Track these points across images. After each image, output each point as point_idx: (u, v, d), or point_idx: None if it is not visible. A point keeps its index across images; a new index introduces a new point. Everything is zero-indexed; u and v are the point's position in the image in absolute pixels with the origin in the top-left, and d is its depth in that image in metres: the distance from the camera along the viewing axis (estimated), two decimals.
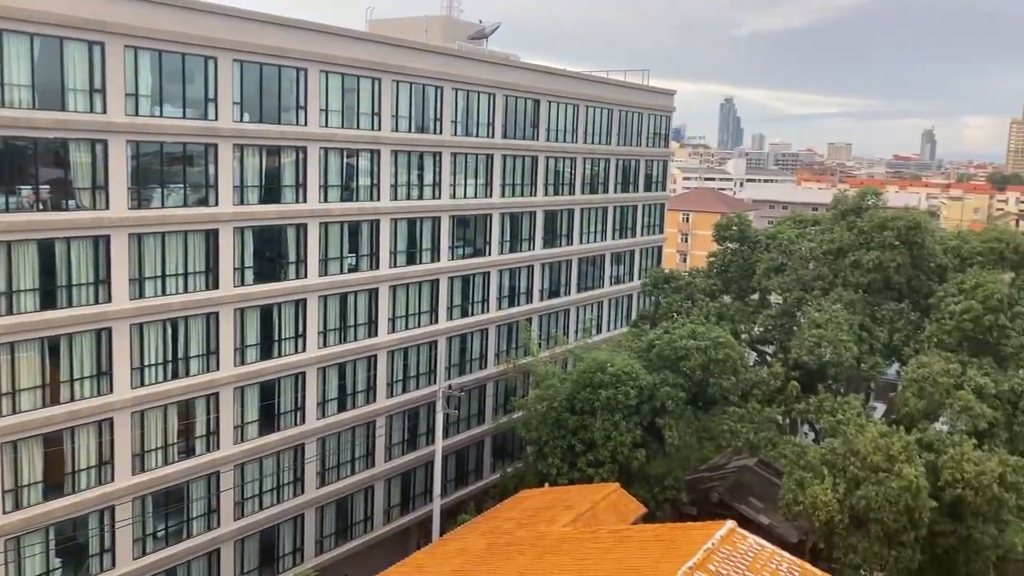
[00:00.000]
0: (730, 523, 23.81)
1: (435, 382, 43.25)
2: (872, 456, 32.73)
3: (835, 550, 34.56)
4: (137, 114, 30.32)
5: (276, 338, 36.72)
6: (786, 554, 23.82)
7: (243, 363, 35.29)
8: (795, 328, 44.34)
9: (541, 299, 52.27)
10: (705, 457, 50.98)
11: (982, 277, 41.05)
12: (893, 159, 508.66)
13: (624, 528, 28.91)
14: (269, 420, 36.87)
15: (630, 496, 35.39)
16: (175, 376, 32.95)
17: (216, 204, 33.32)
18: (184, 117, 32.03)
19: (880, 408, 47.25)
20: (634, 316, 57.05)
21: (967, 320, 39.81)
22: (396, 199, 41.19)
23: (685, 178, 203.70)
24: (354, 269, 39.77)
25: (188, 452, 33.86)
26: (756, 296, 48.70)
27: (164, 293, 32.15)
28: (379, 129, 39.83)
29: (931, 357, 38.43)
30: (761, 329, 47.04)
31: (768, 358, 47.83)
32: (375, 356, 41.27)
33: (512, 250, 49.34)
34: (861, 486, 32.81)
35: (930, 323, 41.66)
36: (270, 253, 36.32)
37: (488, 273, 47.75)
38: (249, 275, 35.18)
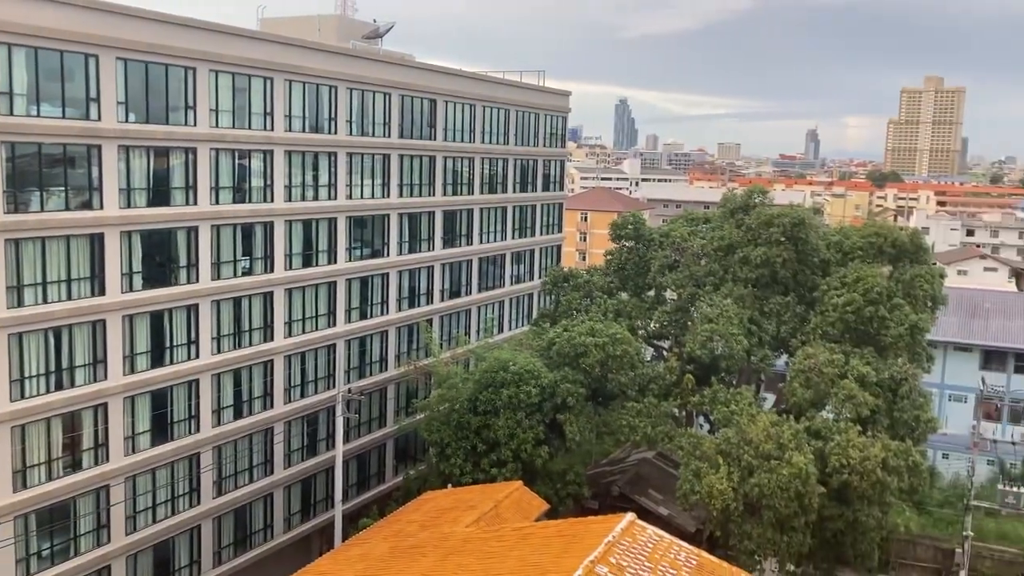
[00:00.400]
0: (630, 516, 24.31)
1: (334, 386, 42.67)
2: (764, 444, 33.91)
3: (731, 537, 35.65)
4: (12, 113, 28.88)
5: (168, 345, 35.56)
6: (684, 544, 24.48)
7: (133, 372, 34.03)
8: (689, 323, 45.50)
9: (442, 299, 52.19)
10: (606, 452, 51.86)
11: (863, 271, 42.96)
12: (779, 158, 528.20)
13: (527, 525, 29.16)
14: (162, 430, 35.68)
15: (532, 493, 35.74)
16: (59, 387, 31.50)
17: (101, 207, 32.04)
18: (64, 117, 30.66)
19: (771, 399, 48.95)
20: (535, 315, 57.56)
21: (849, 312, 41.60)
22: (291, 200, 40.45)
23: (583, 178, 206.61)
24: (248, 272, 38.87)
25: (74, 466, 32.42)
26: (652, 293, 49.75)
27: (46, 301, 30.72)
28: (272, 129, 39.04)
29: (816, 348, 40.04)
30: (657, 325, 48.09)
31: (664, 353, 48.95)
32: (271, 361, 40.43)
33: (411, 251, 49.10)
34: (754, 474, 33.95)
35: (815, 315, 43.38)
36: (160, 257, 35.16)
37: (387, 274, 47.39)
38: (138, 280, 33.97)
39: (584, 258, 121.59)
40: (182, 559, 37.50)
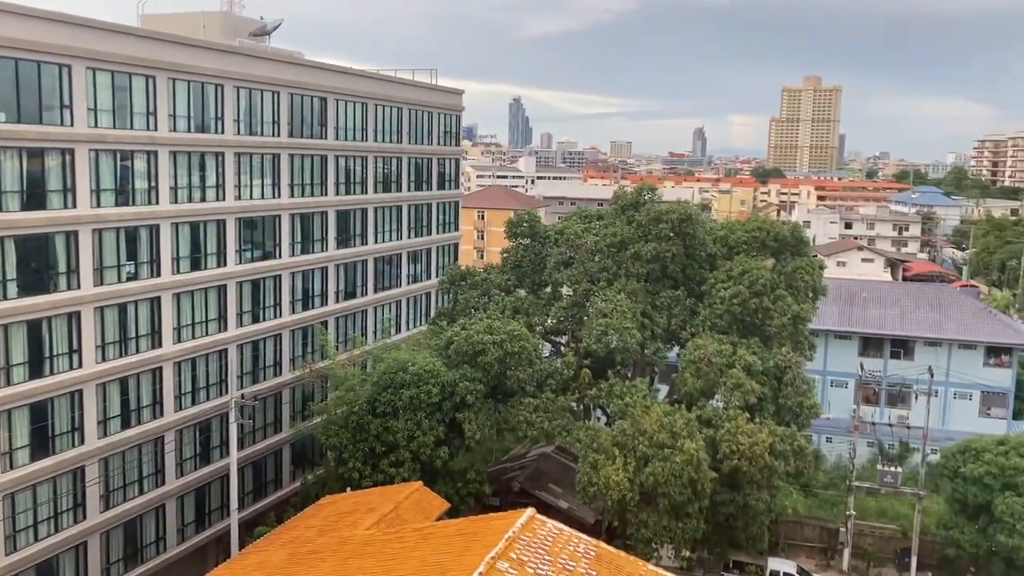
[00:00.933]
0: (529, 511, 24.59)
1: (227, 392, 41.64)
2: (658, 434, 34.82)
3: (628, 527, 36.48)
4: None
5: (47, 355, 34.01)
6: (583, 536, 24.92)
7: (8, 384, 32.42)
8: (584, 318, 46.26)
9: (337, 301, 51.54)
10: (506, 448, 52.23)
11: (747, 264, 44.54)
12: (669, 156, 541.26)
13: (427, 525, 29.12)
14: (42, 443, 34.09)
15: (433, 493, 35.71)
16: None
17: None
18: None
19: (665, 389, 50.25)
20: (433, 314, 57.46)
21: (736, 304, 43.09)
22: (177, 202, 39.25)
23: (479, 176, 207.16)
24: (133, 277, 37.53)
25: None
26: (548, 289, 50.36)
27: None
28: (155, 129, 37.80)
29: (706, 339, 41.33)
30: (554, 321, 48.69)
31: (561, 348, 49.63)
32: (160, 368, 39.15)
33: (304, 251, 48.31)
34: (649, 463, 34.82)
35: (703, 308, 44.75)
36: (36, 264, 33.57)
37: (279, 276, 46.50)
38: (12, 288, 32.36)
39: (482, 256, 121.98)
40: None
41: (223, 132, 41.75)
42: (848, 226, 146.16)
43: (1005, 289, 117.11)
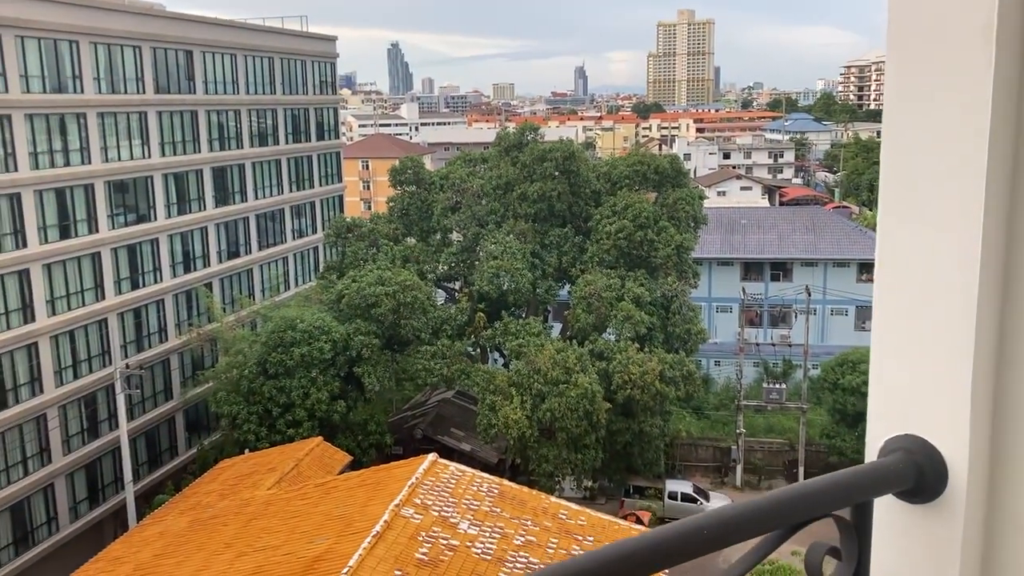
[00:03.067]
0: (431, 456, 24.82)
1: (111, 363, 40.17)
2: (552, 371, 35.51)
3: (530, 463, 37.29)
4: None
5: None
6: (486, 475, 25.36)
7: None
8: (476, 262, 46.40)
9: (220, 261, 50.07)
10: (407, 397, 52.30)
11: (630, 198, 45.36)
12: (552, 96, 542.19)
13: (330, 480, 29.06)
14: None
15: (334, 448, 35.59)
16: None
17: None
18: None
19: (558, 327, 51.11)
20: (322, 268, 56.55)
21: (621, 238, 43.92)
22: (38, 168, 37.17)
23: (361, 125, 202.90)
24: None
25: None
26: (438, 236, 50.18)
27: None
28: (6, 91, 35.50)
29: (595, 275, 42.11)
30: (445, 267, 48.67)
31: (455, 294, 49.74)
32: (35, 343, 37.41)
33: (181, 212, 46.60)
34: (545, 400, 35.54)
35: (591, 244, 45.47)
36: None
37: (156, 239, 44.79)
38: None
39: (370, 207, 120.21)
40: None
41: (83, 92, 39.56)
42: (727, 156, 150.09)
43: (875, 208, 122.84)
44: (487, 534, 22.18)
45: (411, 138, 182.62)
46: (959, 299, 1.51)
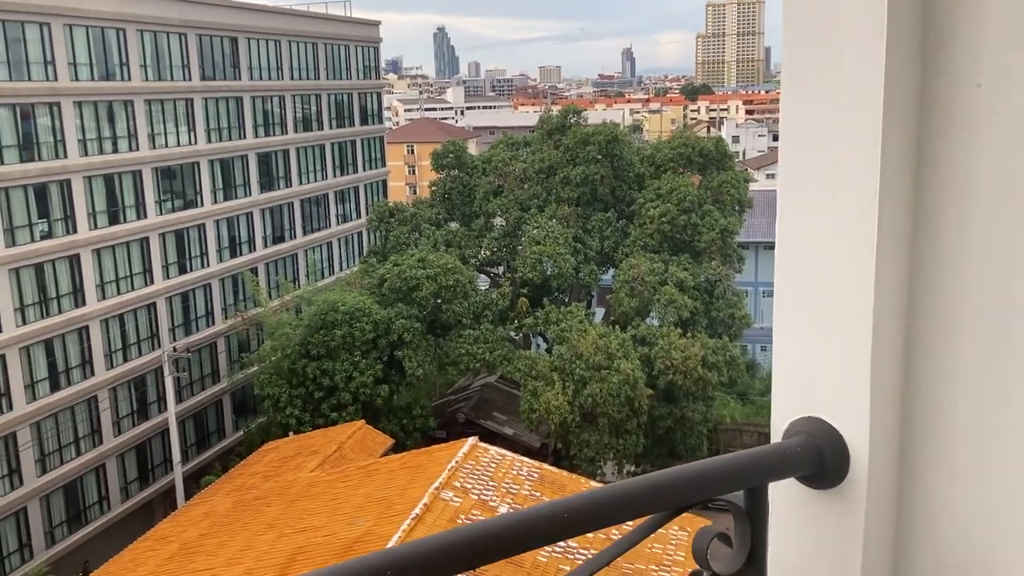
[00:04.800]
0: (472, 440, 24.86)
1: (159, 346, 40.91)
2: (594, 356, 35.31)
3: (571, 448, 37.19)
4: None
5: None
6: (526, 459, 25.33)
7: None
8: (518, 247, 46.26)
9: (265, 246, 50.62)
10: (450, 382, 52.48)
11: (675, 181, 44.82)
12: (599, 78, 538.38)
13: (371, 462, 29.28)
14: None
15: (376, 431, 35.84)
16: None
17: None
18: None
19: (601, 312, 50.80)
20: (365, 253, 56.86)
21: (665, 222, 43.43)
22: (87, 155, 37.83)
23: (407, 110, 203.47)
24: (48, 235, 36.28)
25: None
26: (480, 220, 50.12)
27: None
28: (56, 79, 36.13)
29: (638, 259, 41.73)
30: (487, 252, 48.61)
31: (498, 279, 49.68)
32: (87, 327, 38.20)
33: (227, 198, 47.17)
34: (587, 385, 35.37)
35: (634, 228, 45.04)
36: None
37: (203, 225, 45.41)
38: None
39: (414, 191, 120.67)
40: (9, 544, 35.44)
41: (130, 79, 40.14)
42: (776, 138, 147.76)
43: None
44: None
45: (456, 122, 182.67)
46: (856, 280, 1.46)
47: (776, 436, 1.59)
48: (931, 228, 1.48)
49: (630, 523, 1.39)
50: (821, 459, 1.48)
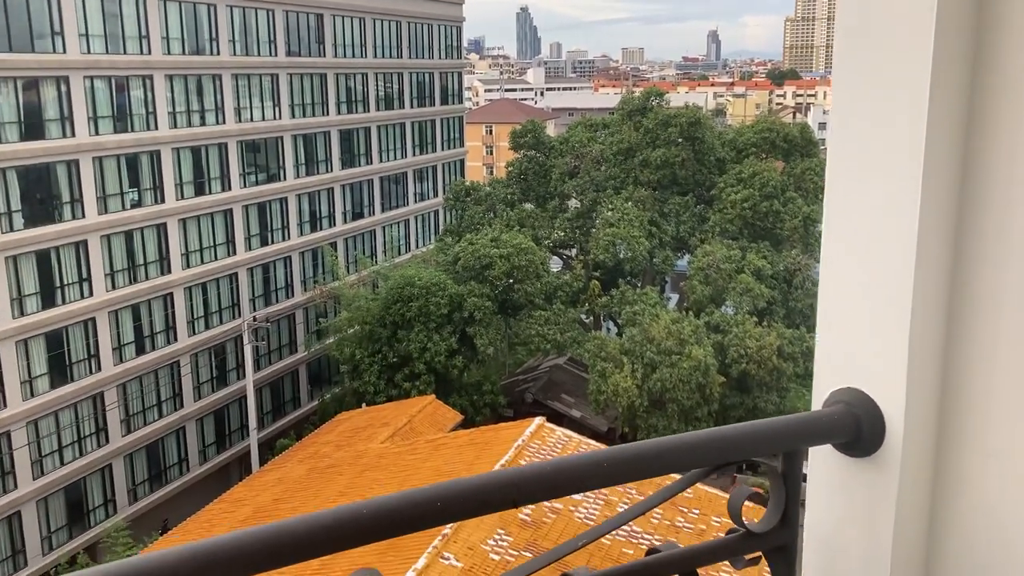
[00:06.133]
0: (539, 419, 24.95)
1: (240, 315, 42.06)
2: (665, 341, 35.00)
3: (638, 432, 36.99)
4: None
5: (58, 284, 34.37)
6: (592, 441, 25.32)
7: (23, 314, 32.87)
8: (592, 229, 46.07)
9: (344, 221, 51.48)
10: (519, 361, 52.69)
11: (758, 166, 44.00)
12: (682, 61, 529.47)
13: (440, 437, 29.67)
14: (61, 371, 34.75)
15: (446, 406, 36.25)
16: None
17: None
18: None
19: (675, 298, 50.30)
20: (441, 231, 57.35)
21: (746, 208, 42.71)
22: (176, 127, 38.99)
23: (487, 90, 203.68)
24: (137, 204, 37.58)
25: None
26: (555, 201, 50.05)
27: None
28: (149, 53, 37.27)
29: (715, 245, 41.15)
30: (561, 233, 48.54)
31: (571, 261, 49.58)
32: (171, 294, 39.51)
33: (309, 173, 48.07)
34: (657, 370, 35.09)
35: (713, 213, 44.41)
36: (40, 194, 33.66)
37: (285, 198, 46.40)
38: (18, 219, 32.52)
39: (491, 171, 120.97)
40: (95, 499, 37.05)
41: (219, 53, 41.14)
42: None
43: None
44: (591, 500, 22.17)
45: (536, 103, 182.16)
46: (898, 258, 1.51)
47: (816, 405, 1.62)
48: (974, 210, 1.51)
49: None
50: (858, 428, 1.52)
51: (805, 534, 1.61)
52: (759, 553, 1.47)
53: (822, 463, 1.62)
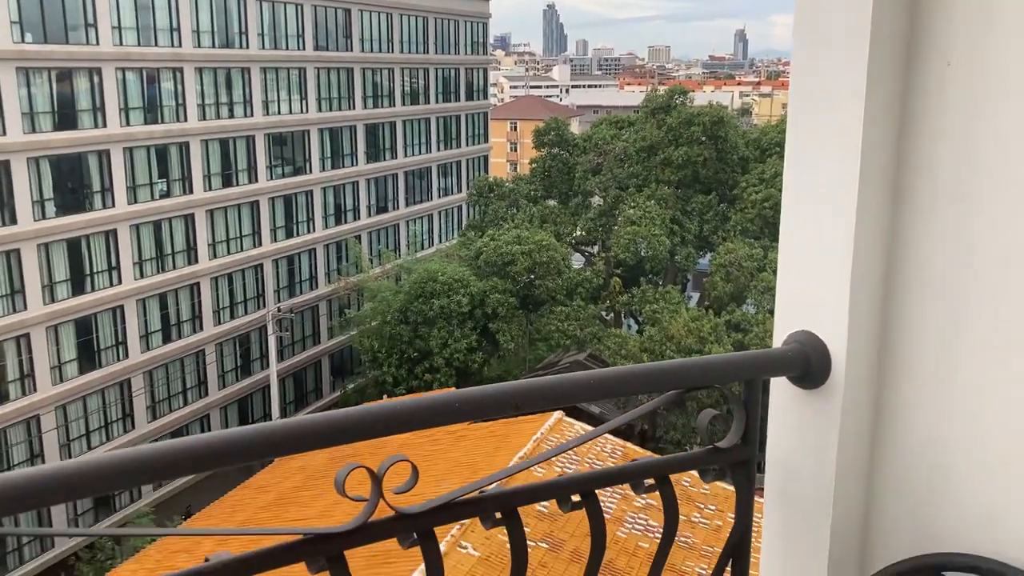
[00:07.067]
0: (558, 414, 25.15)
1: (264, 306, 42.62)
2: (685, 339, 35.13)
3: (658, 429, 37.15)
4: None
5: (88, 272, 35.05)
6: (612, 437, 25.53)
7: (53, 301, 33.55)
8: (614, 227, 46.24)
9: (369, 215, 51.94)
10: (539, 357, 52.88)
11: (780, 166, 43.89)
12: (709, 59, 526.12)
13: (460, 428, 29.85)
14: (89, 357, 35.44)
15: None
16: None
17: (3, 133, 31.00)
18: None
19: (696, 296, 50.37)
20: (464, 226, 57.71)
21: (767, 207, 42.72)
22: (205, 119, 39.56)
23: (512, 86, 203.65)
24: (166, 195, 38.19)
25: (1, 398, 32.17)
26: (578, 198, 50.25)
27: None
28: (180, 46, 37.85)
29: (737, 244, 41.20)
30: (583, 231, 48.74)
31: (592, 258, 49.78)
32: (198, 284, 40.12)
33: (334, 166, 48.56)
34: None
35: (735, 212, 44.46)
36: (72, 183, 34.34)
37: (311, 191, 46.92)
38: (51, 208, 33.19)
39: (515, 168, 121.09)
40: None
41: (248, 47, 41.68)
42: None
43: None
44: (608, 494, 22.44)
45: (560, 100, 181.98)
46: (841, 217, 1.76)
47: (776, 345, 1.91)
48: (906, 178, 1.78)
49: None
50: (807, 363, 1.80)
51: (766, 456, 1.90)
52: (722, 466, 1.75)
53: (780, 394, 1.89)
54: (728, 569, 1.86)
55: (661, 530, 1.78)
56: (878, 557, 1.84)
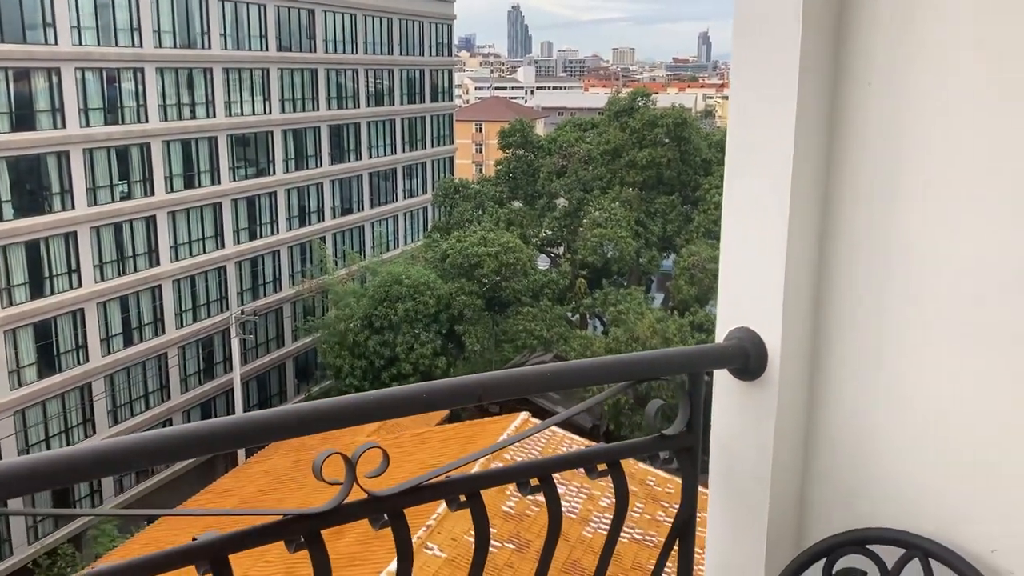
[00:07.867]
0: (523, 415, 25.25)
1: (227, 309, 42.30)
2: (650, 340, 35.47)
3: (622, 428, 37.46)
4: None
5: (47, 275, 34.56)
6: (576, 436, 25.64)
7: (12, 304, 33.05)
8: (579, 228, 46.52)
9: (334, 217, 51.75)
10: (506, 358, 52.97)
11: None
12: (673, 62, 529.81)
13: (425, 431, 29.93)
14: (48, 362, 34.94)
15: None
16: None
17: None
18: None
19: (660, 297, 50.81)
20: (429, 228, 57.69)
21: None
22: (167, 120, 39.20)
23: (477, 88, 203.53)
24: (127, 197, 37.78)
25: None
26: (543, 200, 50.46)
27: None
28: (141, 46, 37.48)
29: (700, 246, 41.66)
30: (549, 232, 48.97)
31: (558, 259, 50.03)
32: (159, 286, 39.72)
33: (298, 168, 48.33)
34: None
35: (698, 214, 44.96)
36: (31, 185, 33.86)
37: (275, 193, 46.65)
38: (8, 209, 32.70)
39: (481, 169, 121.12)
40: (81, 490, 37.20)
41: (210, 47, 41.36)
42: None
43: None
44: (573, 494, 22.61)
45: (526, 102, 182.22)
46: (776, 221, 1.92)
47: (718, 340, 2.08)
48: (835, 183, 1.94)
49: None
50: (746, 357, 1.96)
51: (711, 443, 2.06)
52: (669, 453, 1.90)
53: (723, 386, 2.06)
54: (676, 548, 2.01)
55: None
56: (813, 533, 2.00)
